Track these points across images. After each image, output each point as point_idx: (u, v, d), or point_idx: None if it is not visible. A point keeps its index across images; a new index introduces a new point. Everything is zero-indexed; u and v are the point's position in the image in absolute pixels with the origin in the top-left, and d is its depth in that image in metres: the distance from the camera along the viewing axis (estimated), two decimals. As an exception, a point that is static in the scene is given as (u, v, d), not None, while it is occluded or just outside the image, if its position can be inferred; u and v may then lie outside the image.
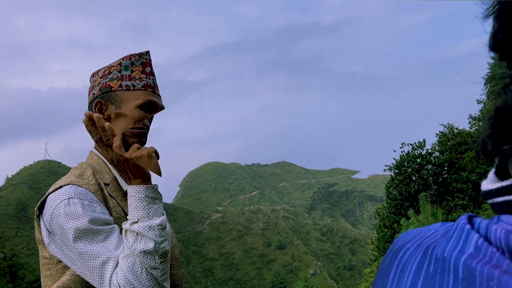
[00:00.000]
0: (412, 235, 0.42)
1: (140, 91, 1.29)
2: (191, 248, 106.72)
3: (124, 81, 1.30)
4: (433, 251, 0.36)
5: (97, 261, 1.09)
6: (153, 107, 1.32)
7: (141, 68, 1.33)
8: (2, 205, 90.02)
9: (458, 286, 0.32)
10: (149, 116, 1.32)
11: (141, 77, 1.31)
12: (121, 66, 1.32)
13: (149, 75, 1.33)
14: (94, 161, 1.29)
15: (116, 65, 1.33)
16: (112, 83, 1.30)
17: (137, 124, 1.28)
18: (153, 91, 1.32)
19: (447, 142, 23.60)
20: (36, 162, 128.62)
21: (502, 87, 0.33)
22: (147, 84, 1.32)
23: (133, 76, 1.30)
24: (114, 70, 1.32)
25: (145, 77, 1.32)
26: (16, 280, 30.47)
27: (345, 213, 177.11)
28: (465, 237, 0.34)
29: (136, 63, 1.33)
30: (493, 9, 0.33)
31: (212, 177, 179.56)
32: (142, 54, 1.35)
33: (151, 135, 1.32)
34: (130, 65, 1.32)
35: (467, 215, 0.37)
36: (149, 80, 1.32)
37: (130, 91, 1.29)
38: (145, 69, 1.33)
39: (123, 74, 1.31)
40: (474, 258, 0.32)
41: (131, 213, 1.15)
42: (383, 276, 0.41)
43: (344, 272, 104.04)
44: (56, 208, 1.13)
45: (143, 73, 1.32)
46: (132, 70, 1.31)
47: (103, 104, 1.30)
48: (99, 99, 1.30)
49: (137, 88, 1.29)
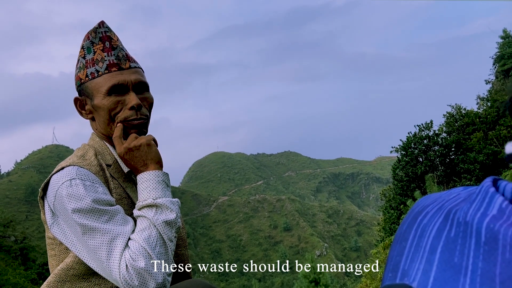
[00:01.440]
0: (433, 198, 0.41)
1: (104, 76, 1.20)
2: (198, 231, 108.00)
3: (89, 68, 1.22)
4: (455, 215, 0.35)
5: (105, 238, 1.07)
6: (123, 87, 1.20)
7: (101, 45, 1.23)
8: (12, 189, 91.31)
9: (480, 250, 0.31)
10: (123, 99, 1.21)
11: (103, 57, 1.21)
12: (84, 49, 1.24)
13: (109, 51, 1.22)
14: (96, 142, 1.26)
15: (80, 50, 1.25)
16: (81, 74, 1.23)
17: (109, 111, 1.21)
18: (119, 68, 1.21)
19: (454, 123, 23.39)
20: (44, 147, 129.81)
21: None
22: (110, 63, 1.21)
23: (95, 59, 1.22)
24: (80, 57, 1.25)
25: (106, 55, 1.21)
26: (28, 262, 31.10)
27: (351, 195, 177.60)
28: (488, 199, 0.33)
29: (95, 40, 1.23)
30: None
31: (217, 166, 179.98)
32: (96, 29, 1.24)
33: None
34: (91, 46, 1.23)
35: (492, 177, 0.36)
36: (111, 57, 1.22)
37: (96, 79, 1.21)
38: (104, 45, 1.23)
39: (87, 59, 1.23)
40: (497, 220, 0.31)
41: (148, 194, 1.14)
42: (401, 239, 0.40)
43: (350, 253, 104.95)
44: (59, 189, 1.11)
45: (103, 51, 1.22)
46: (94, 51, 1.22)
47: (82, 100, 1.25)
48: (76, 95, 1.26)
49: (101, 73, 1.21)
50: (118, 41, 1.26)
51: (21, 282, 22.95)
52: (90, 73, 1.21)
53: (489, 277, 0.29)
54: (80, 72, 1.24)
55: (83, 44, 1.25)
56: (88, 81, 1.22)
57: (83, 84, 1.23)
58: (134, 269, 1.04)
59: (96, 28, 1.24)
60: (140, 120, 1.22)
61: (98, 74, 1.21)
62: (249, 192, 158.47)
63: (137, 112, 1.21)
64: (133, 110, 1.21)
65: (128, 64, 1.24)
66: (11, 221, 35.49)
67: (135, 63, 1.26)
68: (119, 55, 1.23)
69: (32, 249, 35.01)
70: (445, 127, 23.66)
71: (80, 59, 1.24)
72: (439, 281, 0.32)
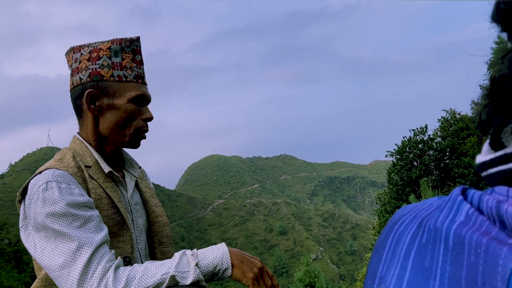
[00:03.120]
0: (409, 208, 0.43)
1: (132, 83, 1.27)
2: (193, 234, 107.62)
3: (116, 70, 1.26)
4: (427, 223, 0.37)
5: (72, 245, 1.05)
6: (144, 100, 1.30)
7: (131, 55, 1.29)
8: (6, 191, 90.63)
9: (448, 255, 0.32)
10: (140, 109, 1.29)
11: (132, 67, 1.28)
12: (111, 51, 1.27)
13: (139, 64, 1.31)
14: (77, 145, 1.28)
15: (105, 49, 1.27)
16: (103, 71, 1.25)
17: (127, 116, 1.26)
18: (143, 82, 1.31)
19: (449, 128, 23.54)
20: (39, 149, 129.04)
21: (500, 57, 0.33)
22: (138, 74, 1.29)
23: (124, 65, 1.27)
24: (103, 55, 1.26)
25: (135, 66, 1.29)
26: (21, 265, 30.86)
27: (347, 199, 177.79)
28: (456, 207, 0.35)
29: (126, 49, 1.28)
30: None
31: (213, 170, 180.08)
32: (132, 40, 1.30)
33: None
34: (120, 51, 1.27)
35: (461, 187, 0.38)
36: (139, 70, 1.30)
37: (122, 82, 1.26)
38: (135, 57, 1.30)
39: (114, 61, 1.26)
40: (464, 226, 0.33)
41: (208, 258, 1.10)
42: (380, 248, 0.42)
43: (345, 257, 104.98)
44: (35, 193, 1.11)
45: (133, 62, 1.29)
46: (122, 58, 1.27)
47: (97, 95, 1.26)
48: (91, 88, 1.25)
49: (129, 80, 1.26)
50: (142, 60, 1.34)
51: (14, 285, 22.80)
52: (117, 75, 1.25)
53: (456, 280, 0.31)
54: (103, 70, 1.25)
55: (110, 45, 1.27)
56: (113, 81, 1.25)
57: (104, 81, 1.25)
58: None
59: (132, 40, 1.30)
60: (146, 130, 1.32)
61: (126, 80, 1.26)
62: (245, 195, 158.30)
63: (147, 124, 1.32)
64: (146, 122, 1.31)
65: (147, 82, 1.34)
66: (4, 223, 35.21)
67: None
68: (144, 72, 1.34)
69: (25, 252, 34.70)
70: (439, 132, 23.80)
71: (104, 57, 1.26)
72: (411, 285, 0.34)
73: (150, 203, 1.39)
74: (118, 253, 1.20)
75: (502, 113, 0.33)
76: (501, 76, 0.33)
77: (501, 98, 0.33)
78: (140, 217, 1.34)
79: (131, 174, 1.37)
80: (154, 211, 1.39)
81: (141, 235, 1.32)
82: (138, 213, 1.33)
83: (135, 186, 1.39)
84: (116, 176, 1.28)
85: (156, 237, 1.37)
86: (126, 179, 1.35)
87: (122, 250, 1.22)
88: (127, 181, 1.35)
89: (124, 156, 1.40)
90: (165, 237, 1.39)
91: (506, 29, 0.34)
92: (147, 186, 1.45)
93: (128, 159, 1.40)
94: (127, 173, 1.37)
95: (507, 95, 0.32)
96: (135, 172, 1.38)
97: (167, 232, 1.40)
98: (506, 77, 0.32)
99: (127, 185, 1.34)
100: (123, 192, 1.31)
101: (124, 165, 1.39)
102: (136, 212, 1.32)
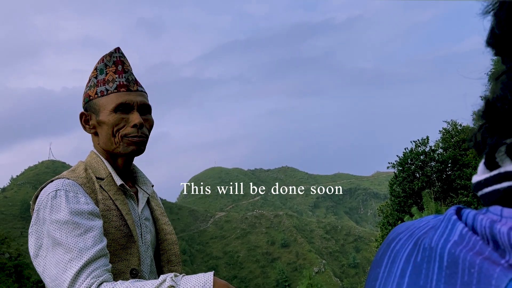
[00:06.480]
0: (405, 226, 0.43)
1: (112, 95, 1.30)
2: (195, 247, 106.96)
3: (99, 87, 1.32)
4: (422, 241, 0.37)
5: (66, 256, 1.08)
6: (127, 106, 1.31)
7: (114, 68, 1.34)
8: (7, 205, 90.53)
9: (442, 274, 0.33)
10: (127, 117, 1.30)
11: (114, 78, 1.32)
12: (97, 70, 1.35)
13: (121, 73, 1.34)
14: (92, 159, 1.34)
15: (93, 71, 1.36)
16: (90, 91, 1.34)
17: (113, 126, 1.29)
18: (127, 89, 1.32)
19: (450, 139, 23.54)
20: (40, 162, 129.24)
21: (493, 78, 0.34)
22: (120, 84, 1.32)
23: (106, 80, 1.32)
24: (92, 77, 1.36)
25: (117, 77, 1.33)
26: (22, 280, 30.63)
27: (349, 211, 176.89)
28: (451, 226, 0.35)
29: (109, 63, 1.35)
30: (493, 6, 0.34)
31: (214, 182, 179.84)
32: (112, 53, 1.36)
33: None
34: (104, 68, 1.34)
35: (456, 206, 0.39)
36: (121, 79, 1.33)
37: (104, 96, 1.31)
38: (117, 68, 1.34)
39: (99, 79, 1.33)
40: (458, 245, 0.33)
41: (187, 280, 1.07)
42: (376, 266, 0.43)
43: (348, 270, 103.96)
44: (44, 200, 1.17)
45: (115, 73, 1.33)
46: (106, 73, 1.34)
47: (87, 115, 1.35)
48: (83, 110, 1.36)
49: (110, 92, 1.31)
50: (130, 67, 1.38)
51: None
52: (99, 91, 1.32)
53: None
54: (90, 90, 1.34)
55: (97, 66, 1.36)
56: (97, 98, 1.32)
57: (91, 100, 1.33)
58: None
59: (112, 53, 1.36)
60: (140, 138, 1.31)
61: (107, 93, 1.31)
62: (247, 207, 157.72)
63: (138, 130, 1.30)
64: (135, 128, 1.30)
65: (136, 87, 1.35)
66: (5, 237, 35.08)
67: (141, 88, 1.38)
68: (129, 78, 1.34)
69: (26, 266, 34.51)
70: (441, 143, 23.79)
71: (92, 78, 1.35)
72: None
73: (160, 221, 1.42)
74: (125, 265, 1.22)
75: (496, 134, 0.34)
76: (494, 97, 0.33)
77: (495, 118, 0.34)
78: (149, 232, 1.36)
79: (143, 191, 1.40)
80: (164, 229, 1.41)
81: (148, 250, 1.33)
82: (147, 228, 1.36)
83: (147, 203, 1.42)
84: (128, 189, 1.32)
85: (165, 255, 1.39)
86: (138, 194, 1.38)
87: (130, 262, 1.24)
88: (140, 196, 1.38)
89: (138, 174, 1.44)
90: (173, 255, 1.41)
91: (500, 54, 0.35)
92: (158, 205, 1.48)
93: (141, 176, 1.44)
94: (140, 189, 1.40)
95: (501, 116, 0.33)
96: (148, 189, 1.41)
97: (175, 251, 1.42)
98: (500, 98, 0.33)
99: (139, 200, 1.37)
100: (134, 206, 1.34)
101: (137, 181, 1.43)
102: (145, 228, 1.35)
